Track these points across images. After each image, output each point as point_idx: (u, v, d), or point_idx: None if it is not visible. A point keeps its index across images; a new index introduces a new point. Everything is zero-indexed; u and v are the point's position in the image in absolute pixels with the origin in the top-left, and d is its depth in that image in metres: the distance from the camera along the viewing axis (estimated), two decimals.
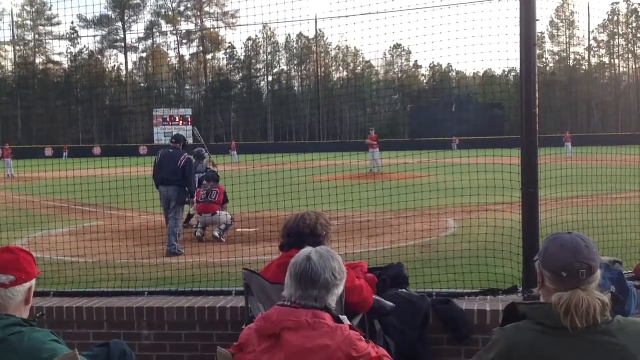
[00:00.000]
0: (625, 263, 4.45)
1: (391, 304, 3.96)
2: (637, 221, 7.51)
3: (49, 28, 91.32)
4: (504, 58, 6.32)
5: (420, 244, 8.57)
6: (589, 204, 7.55)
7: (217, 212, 11.05)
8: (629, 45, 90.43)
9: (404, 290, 4.53)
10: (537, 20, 4.89)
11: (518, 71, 4.98)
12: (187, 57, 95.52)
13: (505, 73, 76.55)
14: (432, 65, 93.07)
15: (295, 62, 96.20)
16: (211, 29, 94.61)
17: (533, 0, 4.83)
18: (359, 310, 3.75)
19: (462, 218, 10.07)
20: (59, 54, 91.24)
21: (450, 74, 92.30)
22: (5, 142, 36.54)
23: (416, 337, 4.17)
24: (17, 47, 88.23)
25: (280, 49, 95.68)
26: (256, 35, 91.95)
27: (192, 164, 10.60)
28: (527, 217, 4.84)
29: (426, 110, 77.34)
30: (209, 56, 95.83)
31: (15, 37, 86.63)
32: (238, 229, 11.30)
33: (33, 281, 2.84)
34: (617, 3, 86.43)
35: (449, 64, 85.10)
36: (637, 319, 2.37)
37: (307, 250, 2.73)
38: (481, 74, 74.72)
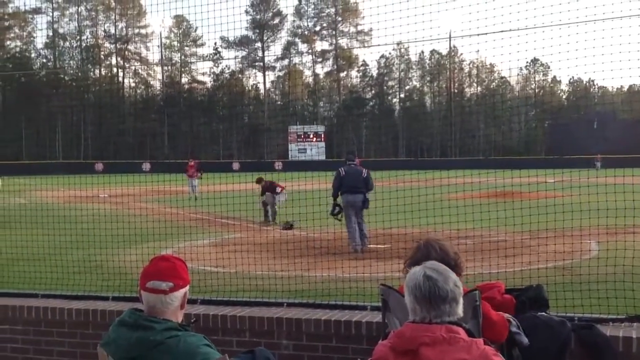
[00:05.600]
0: None
1: (526, 341, 3.86)
2: None
3: (194, 49, 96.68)
4: None
5: (562, 266, 8.25)
6: None
7: None
8: None
9: (543, 313, 4.39)
10: None
11: None
12: (321, 76, 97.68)
13: None
14: (571, 80, 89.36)
15: (428, 78, 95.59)
16: (345, 48, 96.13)
17: None
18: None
19: (607, 241, 9.57)
20: (203, 73, 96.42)
21: (591, 89, 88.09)
22: (191, 159, 31.87)
23: None
24: (165, 68, 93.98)
25: (413, 66, 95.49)
26: (389, 53, 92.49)
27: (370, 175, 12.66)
28: None
29: (565, 128, 74.09)
30: (342, 74, 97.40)
31: (164, 58, 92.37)
32: (372, 245, 11.41)
33: (187, 287, 3.01)
34: None
35: (590, 79, 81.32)
36: None
37: (419, 271, 2.72)
38: (626, 89, 70.77)
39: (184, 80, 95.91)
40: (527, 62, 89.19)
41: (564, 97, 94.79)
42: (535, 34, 7.40)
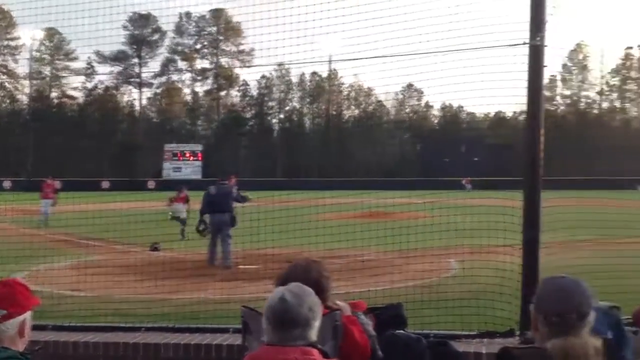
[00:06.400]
0: (626, 309, 4.40)
1: (381, 354, 3.91)
2: None
3: (66, 63, 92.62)
4: (512, 102, 6.39)
5: (422, 284, 8.51)
6: (594, 248, 7.48)
7: None
8: None
9: (401, 331, 4.48)
10: (545, 66, 4.96)
11: None
12: (201, 94, 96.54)
13: (516, 115, 76.57)
14: (443, 106, 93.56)
15: (308, 100, 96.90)
16: (226, 67, 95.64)
17: (541, 48, 4.90)
18: None
19: (464, 260, 10.02)
20: (74, 88, 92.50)
21: (461, 115, 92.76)
22: (49, 176, 27.81)
23: None
24: (34, 82, 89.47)
25: (294, 87, 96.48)
26: (270, 74, 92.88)
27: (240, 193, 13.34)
28: (527, 260, 4.82)
29: (436, 151, 77.56)
30: (222, 93, 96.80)
31: (33, 72, 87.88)
32: (241, 266, 11.30)
33: (28, 314, 2.85)
34: (630, 48, 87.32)
35: (460, 105, 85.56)
36: None
37: (279, 291, 2.72)
38: (492, 115, 75.16)
39: (54, 94, 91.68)
40: (402, 87, 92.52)
41: (435, 121, 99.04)
42: (404, 61, 7.63)
